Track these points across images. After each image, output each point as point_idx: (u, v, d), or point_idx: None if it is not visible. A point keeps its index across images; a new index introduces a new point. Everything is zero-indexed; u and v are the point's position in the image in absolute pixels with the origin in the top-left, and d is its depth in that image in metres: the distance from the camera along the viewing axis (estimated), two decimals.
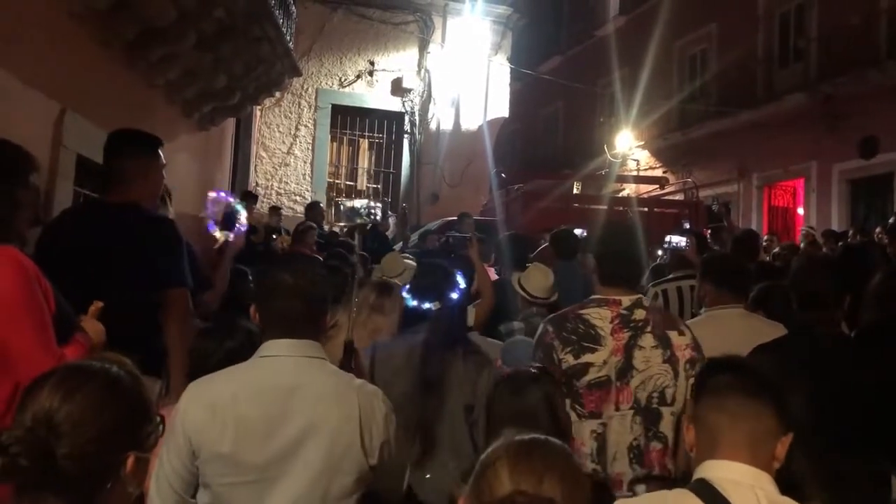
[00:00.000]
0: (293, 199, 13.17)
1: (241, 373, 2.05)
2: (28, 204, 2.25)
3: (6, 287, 2.05)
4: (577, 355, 2.50)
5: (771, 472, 1.64)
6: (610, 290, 2.61)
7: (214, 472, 1.95)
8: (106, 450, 1.27)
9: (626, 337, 2.52)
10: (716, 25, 16.09)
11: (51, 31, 5.10)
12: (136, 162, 3.07)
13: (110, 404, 1.29)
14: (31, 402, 1.27)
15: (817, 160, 13.44)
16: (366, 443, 2.00)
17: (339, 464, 1.97)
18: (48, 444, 1.22)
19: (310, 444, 1.96)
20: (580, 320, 2.55)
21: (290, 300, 2.04)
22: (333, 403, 1.99)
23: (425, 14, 13.94)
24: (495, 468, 1.26)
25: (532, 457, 1.27)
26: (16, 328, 2.05)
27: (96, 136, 5.66)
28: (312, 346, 2.06)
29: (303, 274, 2.07)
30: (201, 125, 9.14)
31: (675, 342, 2.54)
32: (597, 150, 17.96)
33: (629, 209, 9.94)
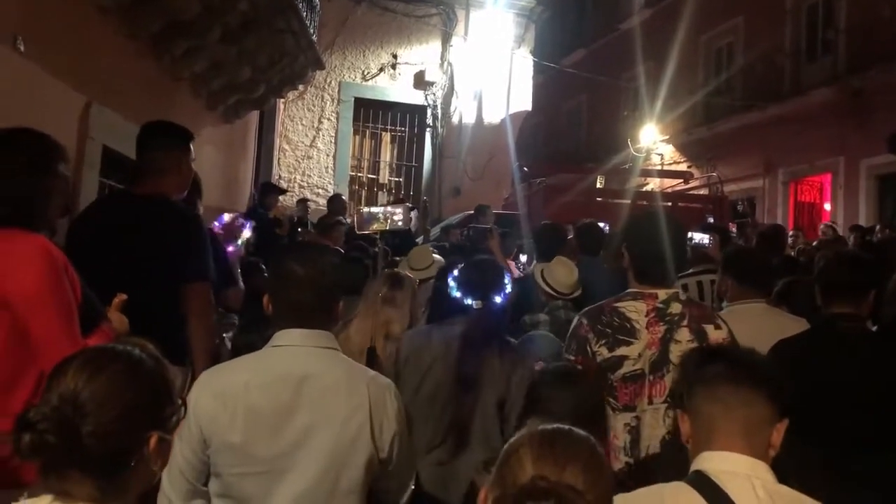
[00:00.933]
0: (316, 192, 13.23)
1: (252, 362, 2.06)
2: (58, 193, 2.28)
3: (35, 277, 2.08)
4: (612, 348, 2.50)
5: (767, 459, 1.63)
6: (646, 285, 2.59)
7: (225, 462, 1.97)
8: (129, 428, 1.30)
9: (661, 330, 2.51)
10: (742, 18, 15.88)
11: (78, 24, 5.17)
12: (169, 154, 3.09)
13: (133, 384, 1.33)
14: (57, 382, 1.30)
15: (845, 155, 13.24)
16: (376, 435, 2.00)
17: (349, 455, 1.97)
18: (74, 422, 1.26)
19: (319, 434, 1.96)
20: (615, 313, 2.54)
21: (301, 290, 2.04)
22: (344, 394, 1.99)
23: (448, 7, 13.92)
24: (518, 455, 1.27)
25: (555, 445, 1.27)
26: (43, 318, 2.08)
27: (122, 128, 5.75)
28: (324, 335, 2.07)
29: (313, 264, 2.07)
30: (225, 118, 9.22)
31: (712, 336, 2.52)
32: (620, 145, 17.83)
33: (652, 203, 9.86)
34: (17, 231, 2.13)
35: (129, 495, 1.35)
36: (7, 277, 2.07)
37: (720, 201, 11.16)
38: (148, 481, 1.39)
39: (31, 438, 1.23)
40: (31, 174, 2.18)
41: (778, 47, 14.60)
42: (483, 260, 3.21)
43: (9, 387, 2.08)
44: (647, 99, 17.93)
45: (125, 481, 1.33)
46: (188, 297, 2.89)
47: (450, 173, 14.09)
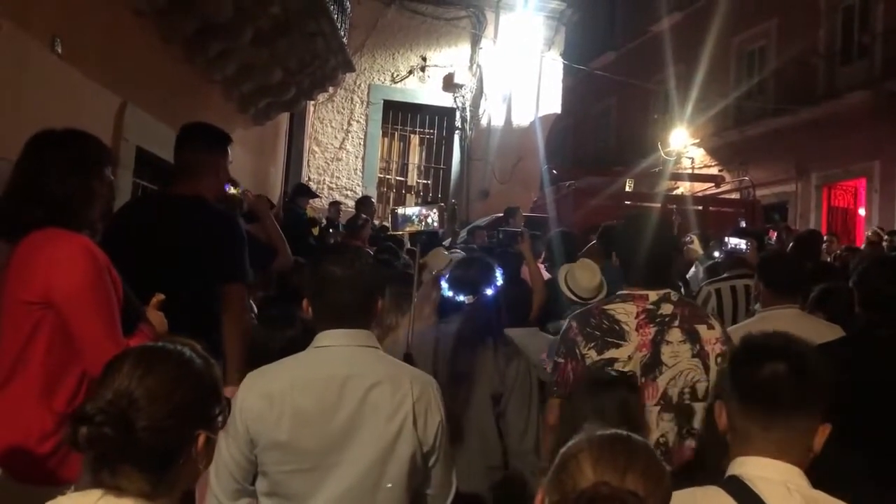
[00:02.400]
0: (344, 194, 13.30)
1: (296, 363, 2.09)
2: (102, 196, 2.32)
3: (79, 277, 2.12)
4: (601, 351, 2.47)
5: (804, 462, 1.61)
6: (636, 287, 2.56)
7: (272, 461, 2.00)
8: (180, 425, 1.34)
9: (652, 332, 2.47)
10: (776, 21, 15.68)
11: (114, 27, 5.25)
12: (207, 156, 3.13)
13: (184, 383, 1.36)
14: (112, 379, 1.34)
15: (880, 159, 13.01)
16: (419, 428, 2.03)
17: (394, 450, 2.00)
18: (129, 416, 1.29)
19: (364, 430, 2.00)
20: (604, 315, 2.51)
21: (341, 292, 2.08)
22: (387, 390, 2.02)
23: (478, 9, 13.92)
24: (578, 460, 1.28)
25: (615, 451, 1.28)
26: (86, 318, 2.12)
27: (155, 129, 5.83)
28: (365, 335, 2.11)
29: (352, 265, 2.11)
30: (256, 120, 9.30)
31: (704, 336, 2.47)
32: (650, 148, 17.70)
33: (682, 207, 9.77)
34: (61, 231, 2.17)
35: (175, 492, 1.38)
36: (51, 278, 2.11)
37: (752, 205, 11.02)
38: (194, 479, 1.43)
39: (87, 430, 1.27)
40: (78, 176, 2.22)
41: (812, 50, 14.39)
42: (471, 258, 3.26)
43: (52, 386, 2.12)
44: (677, 102, 17.78)
45: (174, 478, 1.36)
46: (224, 298, 2.92)
47: (478, 176, 14.08)
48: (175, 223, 2.96)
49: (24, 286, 2.12)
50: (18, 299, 2.13)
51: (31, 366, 2.12)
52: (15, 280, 2.14)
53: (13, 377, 2.13)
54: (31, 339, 2.12)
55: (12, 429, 2.08)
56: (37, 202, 2.17)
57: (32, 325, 2.12)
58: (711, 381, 2.45)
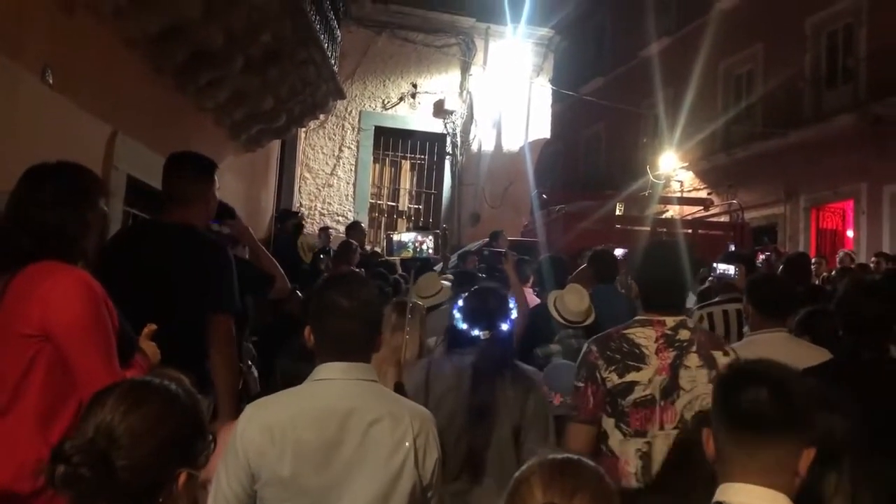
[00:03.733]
0: (336, 220, 13.32)
1: (297, 396, 2.07)
2: (96, 227, 2.33)
3: (77, 311, 2.12)
4: (622, 374, 2.51)
5: (792, 488, 1.61)
6: (653, 312, 2.61)
7: (273, 496, 1.98)
8: (162, 464, 1.32)
9: (671, 356, 2.52)
10: (762, 45, 15.89)
11: (105, 56, 5.28)
12: (195, 185, 3.14)
13: (169, 420, 1.35)
14: (94, 414, 1.33)
15: (867, 181, 13.13)
16: (419, 464, 2.02)
17: (395, 486, 1.99)
18: (108, 455, 1.27)
19: (366, 467, 1.98)
20: (624, 339, 2.56)
21: (346, 322, 2.04)
22: (388, 427, 2.01)
23: (467, 37, 14.07)
24: (529, 483, 1.31)
25: (565, 474, 1.31)
26: (84, 350, 2.12)
27: (146, 158, 5.84)
28: (365, 368, 2.08)
29: (358, 295, 2.07)
30: (248, 147, 9.33)
31: (721, 362, 2.52)
32: (639, 172, 17.81)
33: (672, 231, 9.82)
34: (59, 264, 2.18)
35: None
36: (49, 310, 2.11)
37: (741, 228, 11.09)
38: None
39: (64, 470, 1.25)
40: (72, 207, 2.23)
41: (798, 74, 14.57)
42: (485, 288, 3.19)
43: (49, 418, 2.11)
44: (666, 126, 17.93)
45: None
46: (210, 329, 2.91)
47: (469, 200, 14.14)
48: (165, 252, 2.97)
49: (22, 319, 2.12)
50: (16, 332, 2.13)
51: (27, 398, 2.12)
52: (12, 313, 2.14)
53: (10, 409, 2.12)
54: (29, 372, 2.12)
55: (7, 461, 2.07)
56: (31, 233, 2.18)
57: (30, 358, 2.12)
58: None
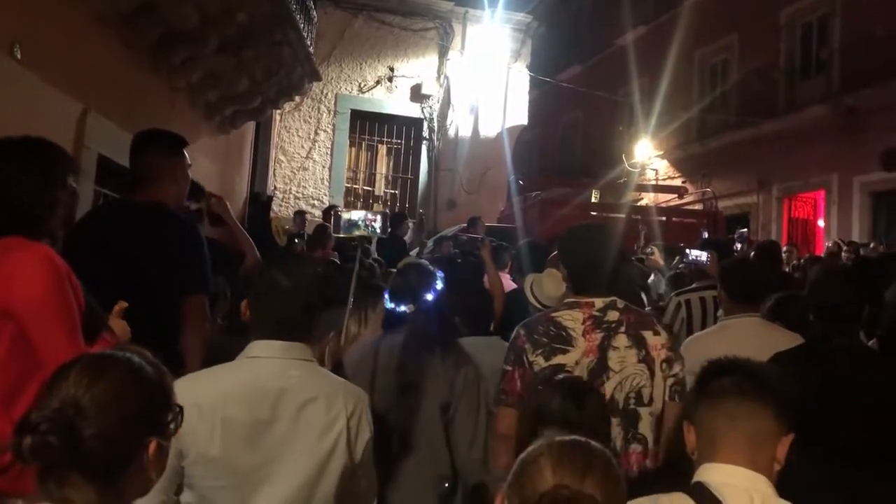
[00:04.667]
0: (311, 204, 13.24)
1: (228, 373, 2.04)
2: (64, 204, 2.28)
3: (38, 286, 2.08)
4: (548, 357, 2.49)
5: (771, 473, 1.63)
6: (582, 295, 2.60)
7: (200, 474, 1.95)
8: (129, 433, 1.31)
9: (598, 338, 2.50)
10: (737, 35, 16.00)
11: (76, 33, 5.18)
12: (164, 162, 3.08)
13: (133, 390, 1.34)
14: (58, 387, 1.31)
15: (838, 172, 13.31)
16: (351, 444, 2.01)
17: (326, 466, 1.98)
18: (76, 424, 1.26)
19: (297, 447, 1.96)
20: (551, 323, 2.54)
21: (284, 302, 2.02)
22: (322, 407, 1.99)
23: (445, 21, 13.99)
24: (538, 464, 1.30)
25: (575, 456, 1.31)
26: (47, 327, 2.08)
27: (118, 137, 5.74)
28: (301, 348, 2.05)
29: (298, 275, 2.05)
30: (222, 128, 9.22)
31: (651, 342, 2.52)
32: (615, 159, 17.90)
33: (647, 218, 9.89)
34: (20, 240, 2.13)
35: (125, 502, 1.35)
36: (11, 287, 2.06)
37: (715, 216, 11.21)
38: (145, 488, 1.38)
39: (32, 440, 1.24)
40: (39, 183, 2.18)
41: (772, 64, 14.70)
42: (407, 264, 3.22)
43: (13, 396, 2.07)
44: (641, 114, 18.01)
45: (123, 487, 1.33)
46: (183, 309, 2.87)
47: (445, 186, 14.12)
48: (135, 232, 2.92)
49: None
50: None
51: None
52: None
53: None
54: None
55: None
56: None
57: None
58: (656, 387, 2.49)
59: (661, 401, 2.48)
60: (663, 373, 2.49)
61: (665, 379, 2.49)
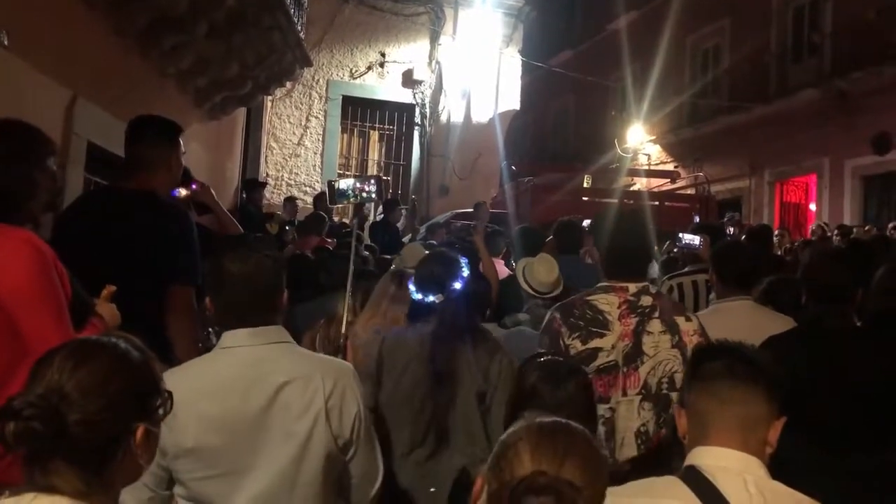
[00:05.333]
0: (303, 190, 13.19)
1: (199, 367, 2.04)
2: (44, 188, 2.24)
3: (23, 271, 2.05)
4: (585, 340, 2.51)
5: (763, 456, 1.63)
6: (616, 279, 2.62)
7: (183, 468, 1.96)
8: (115, 419, 1.29)
9: (633, 322, 2.53)
10: (729, 20, 15.98)
11: (64, 18, 5.12)
12: (158, 149, 3.04)
13: (119, 375, 1.31)
14: (42, 373, 1.29)
15: (830, 156, 13.36)
16: (333, 422, 1.98)
17: (307, 447, 1.96)
18: (60, 410, 1.24)
19: (275, 431, 1.95)
20: (587, 306, 2.56)
21: (236, 289, 1.99)
22: (299, 388, 1.97)
23: (437, 6, 13.91)
24: (517, 448, 1.27)
25: (555, 439, 1.28)
26: (33, 312, 2.05)
27: (107, 124, 5.70)
28: (272, 330, 2.03)
29: (246, 261, 2.01)
30: (212, 115, 9.16)
31: (683, 328, 2.55)
32: (608, 144, 17.90)
33: (639, 203, 9.91)
34: (3, 226, 2.10)
35: (114, 490, 1.34)
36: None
37: (707, 201, 11.24)
38: (134, 475, 1.37)
39: (15, 426, 1.21)
40: (17, 166, 2.15)
41: (764, 49, 14.70)
42: (432, 254, 3.20)
43: (1, 385, 2.06)
44: (634, 99, 18.00)
45: (111, 475, 1.31)
46: (169, 300, 2.84)
47: (438, 172, 14.09)
48: (126, 219, 2.89)
49: None
50: None
51: None
52: None
53: None
54: None
55: None
56: None
57: None
58: None
59: None
60: None
61: None
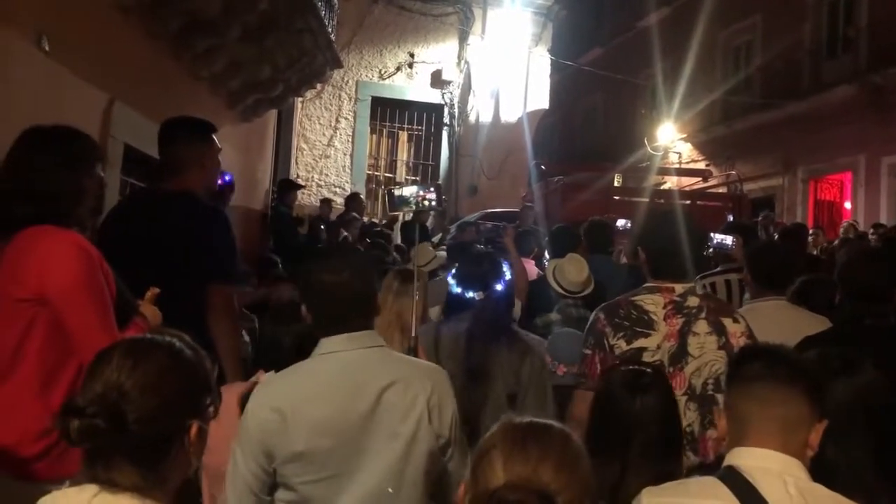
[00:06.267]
0: (333, 191, 13.27)
1: (304, 373, 2.09)
2: (92, 193, 2.31)
3: (71, 272, 2.12)
4: (630, 340, 2.51)
5: (804, 459, 1.61)
6: (662, 279, 2.61)
7: (292, 473, 2.00)
8: (171, 416, 1.33)
9: (679, 323, 2.52)
10: (761, 16, 15.76)
11: (100, 23, 5.22)
12: (192, 149, 3.10)
13: (174, 373, 1.36)
14: (101, 371, 1.33)
15: (865, 153, 13.11)
16: (434, 422, 2.04)
17: (412, 447, 2.02)
18: (121, 408, 1.28)
19: (381, 433, 2.00)
20: (632, 306, 2.56)
21: (335, 299, 2.07)
22: (401, 390, 2.03)
23: (465, 5, 13.91)
24: (490, 457, 1.24)
25: (527, 444, 1.23)
26: (80, 312, 2.12)
27: (143, 126, 5.79)
28: (369, 335, 2.10)
29: (341, 271, 2.10)
30: (244, 117, 9.26)
31: (730, 329, 2.54)
32: (638, 143, 17.75)
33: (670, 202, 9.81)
34: (52, 228, 2.17)
35: (168, 485, 1.38)
36: (44, 274, 2.11)
37: (739, 200, 11.09)
38: (186, 471, 1.41)
39: (80, 423, 1.25)
40: (68, 172, 2.21)
41: (797, 44, 14.47)
42: (478, 252, 3.23)
43: (49, 383, 2.12)
44: (664, 97, 17.81)
45: (166, 470, 1.35)
46: (209, 299, 2.90)
47: (466, 172, 14.09)
48: (163, 220, 2.95)
49: (17, 284, 2.12)
50: (11, 297, 2.13)
51: (27, 363, 2.13)
52: (7, 278, 2.14)
53: (9, 375, 2.13)
54: (26, 337, 2.12)
55: (9, 426, 2.08)
56: (27, 198, 2.17)
57: (27, 323, 2.12)
58: None
59: None
60: None
61: None
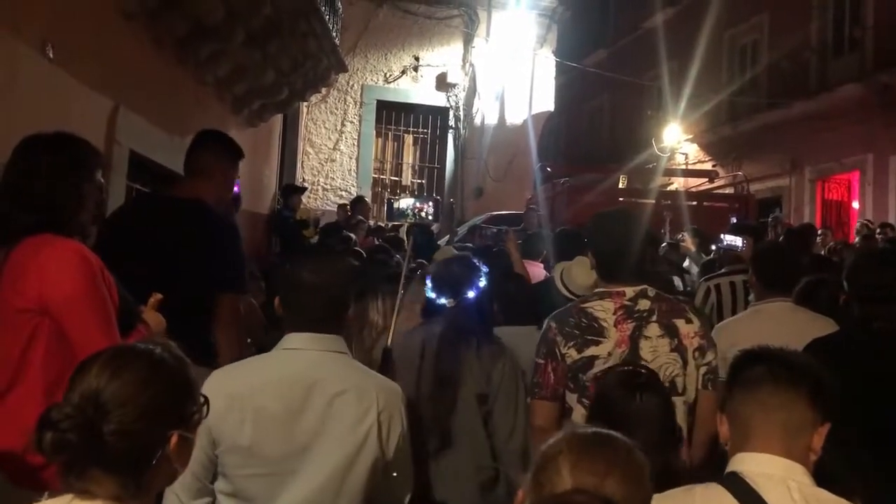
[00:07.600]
0: (339, 195, 13.30)
1: (262, 364, 2.10)
2: (93, 200, 2.31)
3: (72, 283, 2.11)
4: (581, 349, 2.47)
5: (807, 463, 1.59)
6: (612, 283, 2.57)
7: (233, 463, 1.99)
8: (151, 427, 1.32)
9: (630, 328, 2.47)
10: (767, 15, 15.69)
11: (104, 29, 5.24)
12: (219, 160, 3.11)
13: (154, 383, 1.34)
14: (80, 381, 1.32)
15: (873, 152, 13.02)
16: (382, 439, 2.03)
17: (356, 459, 2.00)
18: (95, 421, 1.27)
19: (327, 438, 1.99)
20: (582, 314, 2.52)
21: (310, 297, 2.08)
22: (353, 399, 2.02)
23: (470, 8, 13.93)
24: (556, 463, 1.23)
25: (595, 454, 1.24)
26: (82, 322, 2.11)
27: (148, 133, 5.81)
28: (334, 340, 2.10)
29: (322, 272, 2.11)
30: (250, 122, 9.29)
31: (683, 330, 2.48)
32: (644, 144, 17.68)
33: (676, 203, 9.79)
34: (53, 237, 2.16)
35: (150, 494, 1.37)
36: (45, 284, 2.10)
37: (746, 200, 11.05)
38: (169, 479, 1.41)
39: (52, 437, 1.25)
40: (69, 180, 2.21)
41: (804, 44, 14.40)
42: (455, 258, 3.22)
43: (54, 392, 2.11)
44: (670, 98, 17.73)
45: (147, 480, 1.34)
46: (217, 308, 2.88)
47: (472, 174, 14.10)
48: (173, 225, 2.94)
49: (19, 294, 2.12)
50: (13, 307, 2.13)
51: (31, 373, 2.12)
52: (9, 288, 2.13)
53: (15, 384, 2.13)
54: (30, 347, 2.12)
55: (14, 435, 2.07)
56: (27, 206, 2.16)
57: (30, 333, 2.12)
58: (689, 376, 2.46)
59: (695, 390, 2.46)
60: (696, 361, 2.46)
61: (698, 367, 2.46)
